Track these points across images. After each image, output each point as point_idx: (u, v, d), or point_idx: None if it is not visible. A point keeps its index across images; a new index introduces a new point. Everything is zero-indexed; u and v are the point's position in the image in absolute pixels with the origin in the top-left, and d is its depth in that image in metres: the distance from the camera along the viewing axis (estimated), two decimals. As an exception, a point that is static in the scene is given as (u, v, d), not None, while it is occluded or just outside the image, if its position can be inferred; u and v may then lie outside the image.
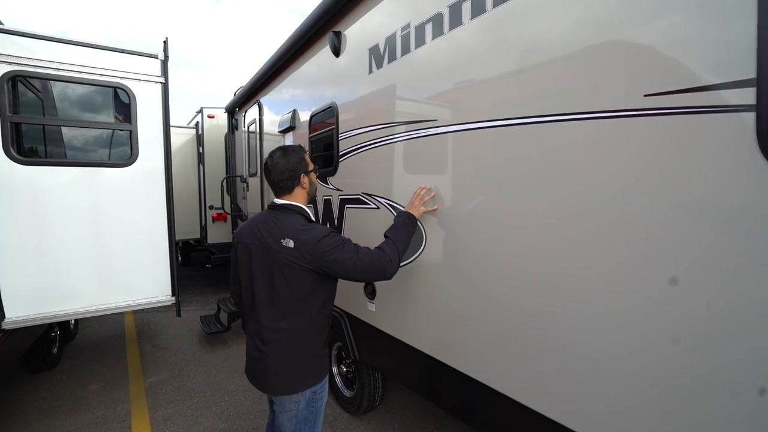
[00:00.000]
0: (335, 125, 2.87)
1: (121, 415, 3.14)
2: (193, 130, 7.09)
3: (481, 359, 1.81)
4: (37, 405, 3.30)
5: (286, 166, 1.73)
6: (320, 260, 1.59)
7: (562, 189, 1.43)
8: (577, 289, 1.40)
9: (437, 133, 1.96)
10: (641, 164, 1.21)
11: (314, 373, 1.71)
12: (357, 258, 1.63)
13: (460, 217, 1.89)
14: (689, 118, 1.10)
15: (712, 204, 1.07)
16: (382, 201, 2.39)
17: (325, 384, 1.77)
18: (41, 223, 2.62)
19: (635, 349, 1.25)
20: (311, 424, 1.73)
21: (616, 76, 1.27)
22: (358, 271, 1.63)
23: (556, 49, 1.43)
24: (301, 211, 1.73)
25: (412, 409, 3.19)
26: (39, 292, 2.63)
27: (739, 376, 1.02)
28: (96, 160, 2.93)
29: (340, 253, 1.60)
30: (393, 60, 2.26)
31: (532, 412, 1.56)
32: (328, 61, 3.01)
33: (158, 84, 2.93)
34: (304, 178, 1.77)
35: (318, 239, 1.59)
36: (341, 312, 2.94)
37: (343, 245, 1.63)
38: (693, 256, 1.10)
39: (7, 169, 2.51)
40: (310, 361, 1.70)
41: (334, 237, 1.64)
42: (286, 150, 1.78)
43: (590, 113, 1.32)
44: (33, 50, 2.60)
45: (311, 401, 1.70)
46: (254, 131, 4.87)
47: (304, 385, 1.67)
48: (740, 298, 1.02)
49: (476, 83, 1.76)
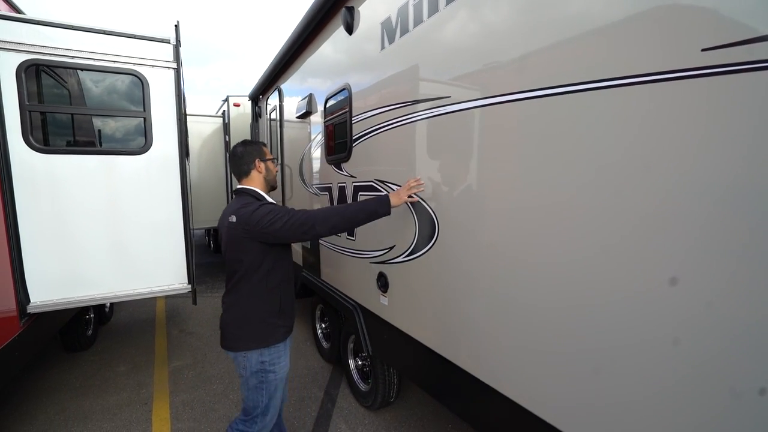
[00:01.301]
0: (348, 108, 2.71)
1: (144, 398, 3.22)
2: (220, 119, 7.17)
3: (500, 368, 1.62)
4: (70, 384, 3.45)
5: (243, 153, 1.93)
6: (255, 229, 1.73)
7: (613, 172, 1.17)
8: (643, 297, 1.16)
9: (452, 111, 1.75)
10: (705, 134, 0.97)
11: (261, 337, 1.82)
12: (289, 219, 1.73)
13: (476, 205, 1.68)
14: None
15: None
16: (394, 188, 2.22)
17: (277, 357, 1.85)
18: (61, 210, 2.67)
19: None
20: (261, 394, 1.84)
21: (667, 29, 1.02)
22: (288, 229, 1.73)
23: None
24: (251, 193, 1.90)
25: (429, 406, 3.05)
26: (61, 278, 2.69)
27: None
28: (112, 148, 2.94)
29: (272, 218, 1.73)
30: (405, 33, 2.06)
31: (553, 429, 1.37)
32: (341, 40, 2.85)
33: (171, 69, 2.88)
34: (260, 163, 1.94)
35: (252, 211, 1.74)
36: (355, 304, 2.83)
37: (276, 212, 1.74)
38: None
39: (27, 157, 2.55)
40: (258, 324, 1.82)
41: (269, 207, 1.76)
42: (246, 141, 1.99)
43: (640, 77, 1.08)
44: (51, 38, 2.61)
45: (260, 371, 1.82)
46: (275, 118, 4.81)
47: (247, 346, 1.80)
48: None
49: (505, 49, 1.53)
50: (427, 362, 2.05)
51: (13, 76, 2.50)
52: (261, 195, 1.91)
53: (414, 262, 2.07)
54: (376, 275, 2.45)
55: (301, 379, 3.49)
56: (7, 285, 2.47)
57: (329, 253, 3.25)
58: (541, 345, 1.41)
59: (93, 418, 2.95)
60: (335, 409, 3.05)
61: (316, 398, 3.19)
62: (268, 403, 1.87)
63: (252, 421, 1.89)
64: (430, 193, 1.94)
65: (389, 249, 2.30)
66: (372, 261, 2.51)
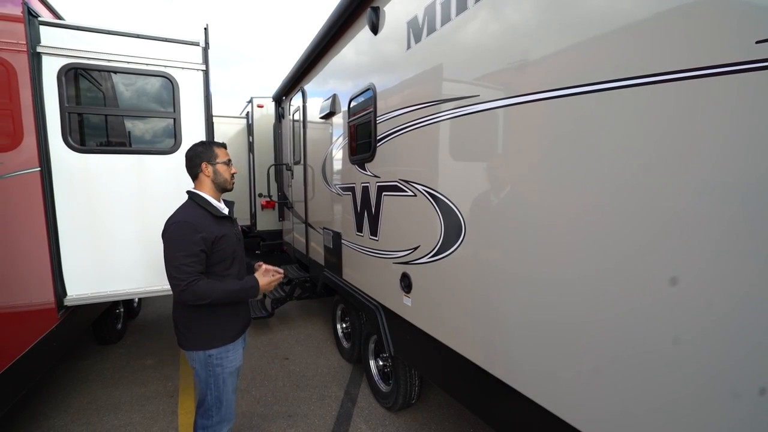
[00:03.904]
0: (373, 107, 2.72)
1: (170, 391, 3.31)
2: (244, 120, 7.31)
3: (535, 375, 1.58)
4: (102, 375, 3.59)
5: (191, 156, 1.91)
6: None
7: (656, 171, 1.13)
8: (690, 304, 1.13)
9: (482, 110, 1.73)
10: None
11: (201, 340, 1.85)
12: (166, 261, 1.72)
13: (506, 205, 1.65)
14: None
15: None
16: (419, 188, 2.21)
17: (222, 352, 1.88)
18: (96, 208, 2.78)
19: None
20: (212, 386, 1.89)
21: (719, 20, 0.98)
22: (167, 266, 1.73)
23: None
24: (193, 197, 1.88)
25: (450, 409, 3.01)
26: (95, 273, 2.80)
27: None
28: (143, 148, 3.04)
29: (166, 244, 1.74)
30: (432, 32, 2.05)
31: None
32: (366, 41, 2.86)
33: (199, 71, 2.96)
34: (207, 167, 1.89)
35: (170, 224, 1.77)
36: (377, 304, 2.82)
37: (167, 244, 1.74)
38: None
39: (65, 156, 2.67)
40: (193, 326, 1.85)
41: (174, 232, 1.73)
42: (197, 144, 1.95)
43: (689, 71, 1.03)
44: (88, 42, 2.72)
45: (207, 364, 1.87)
46: (298, 119, 4.87)
47: (192, 346, 1.86)
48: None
49: (539, 45, 1.50)
50: (452, 366, 2.02)
51: (54, 79, 2.62)
52: (204, 199, 1.87)
53: (440, 263, 2.05)
54: (400, 275, 2.44)
55: (322, 378, 3.51)
56: (47, 278, 2.58)
57: (352, 253, 3.26)
58: (581, 353, 1.37)
59: (123, 408, 3.05)
60: (355, 408, 3.06)
61: (336, 397, 3.20)
62: (220, 396, 1.91)
63: (206, 414, 1.93)
64: (458, 193, 1.92)
65: (413, 249, 2.28)
66: (395, 261, 2.50)
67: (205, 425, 1.93)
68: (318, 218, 4.26)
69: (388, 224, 2.63)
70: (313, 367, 3.72)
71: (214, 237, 1.80)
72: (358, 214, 3.06)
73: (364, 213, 2.94)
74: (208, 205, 1.87)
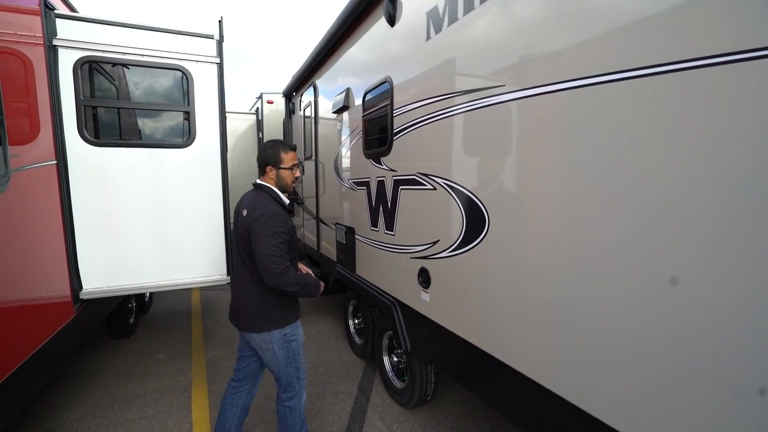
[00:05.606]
0: (390, 101, 2.68)
1: (183, 385, 3.31)
2: (254, 116, 7.31)
3: (562, 370, 1.55)
4: (115, 368, 3.60)
5: (260, 155, 2.11)
6: (251, 230, 1.93)
7: (682, 162, 1.10)
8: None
9: (510, 100, 1.67)
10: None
11: (278, 321, 2.02)
12: (265, 245, 1.87)
13: (532, 198, 1.61)
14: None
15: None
16: (439, 181, 2.17)
17: (295, 328, 2.08)
18: (111, 202, 2.77)
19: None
20: (291, 359, 2.07)
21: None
22: (258, 251, 1.89)
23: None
24: (267, 191, 2.06)
25: (466, 405, 2.98)
26: (110, 266, 2.80)
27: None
28: (157, 142, 3.03)
29: (259, 233, 1.89)
30: (454, 21, 2.00)
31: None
32: (382, 33, 2.81)
33: (214, 65, 2.94)
34: (271, 170, 2.07)
35: (255, 217, 1.92)
36: (393, 300, 2.79)
37: (265, 230, 1.88)
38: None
39: (81, 150, 2.66)
40: (276, 310, 2.02)
41: (269, 221, 1.90)
42: (273, 141, 2.13)
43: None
44: (103, 35, 2.71)
45: (285, 341, 2.04)
46: (309, 115, 4.84)
47: (271, 326, 2.01)
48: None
49: (569, 32, 1.45)
50: (473, 360, 1.99)
51: (70, 72, 2.61)
52: (276, 193, 2.06)
53: (461, 257, 2.02)
54: (417, 270, 2.40)
55: (334, 374, 3.50)
56: (63, 272, 2.58)
57: (366, 248, 3.23)
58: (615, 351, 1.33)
59: (137, 402, 3.06)
60: (369, 404, 3.03)
61: (349, 393, 3.18)
62: (298, 366, 2.11)
63: (289, 386, 2.12)
64: (480, 186, 1.88)
65: (432, 243, 2.25)
66: (413, 256, 2.47)
67: (289, 396, 2.12)
68: (330, 214, 4.24)
69: (405, 219, 2.59)
70: (326, 363, 3.70)
71: (293, 228, 2.07)
72: (373, 209, 3.02)
73: (380, 208, 2.90)
74: (280, 199, 2.07)
